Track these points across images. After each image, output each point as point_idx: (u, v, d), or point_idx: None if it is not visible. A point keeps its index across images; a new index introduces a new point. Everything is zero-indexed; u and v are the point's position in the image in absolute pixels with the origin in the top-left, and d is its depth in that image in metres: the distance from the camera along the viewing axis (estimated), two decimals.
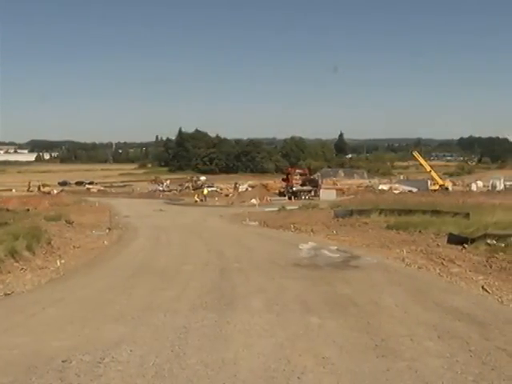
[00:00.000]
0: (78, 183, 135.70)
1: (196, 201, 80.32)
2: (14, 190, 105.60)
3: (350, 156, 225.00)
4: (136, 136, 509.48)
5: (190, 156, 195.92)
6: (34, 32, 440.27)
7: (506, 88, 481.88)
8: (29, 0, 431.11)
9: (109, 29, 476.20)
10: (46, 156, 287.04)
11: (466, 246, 21.87)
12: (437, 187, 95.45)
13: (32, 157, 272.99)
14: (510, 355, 8.46)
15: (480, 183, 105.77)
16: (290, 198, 79.63)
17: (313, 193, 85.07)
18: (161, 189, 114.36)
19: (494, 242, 21.45)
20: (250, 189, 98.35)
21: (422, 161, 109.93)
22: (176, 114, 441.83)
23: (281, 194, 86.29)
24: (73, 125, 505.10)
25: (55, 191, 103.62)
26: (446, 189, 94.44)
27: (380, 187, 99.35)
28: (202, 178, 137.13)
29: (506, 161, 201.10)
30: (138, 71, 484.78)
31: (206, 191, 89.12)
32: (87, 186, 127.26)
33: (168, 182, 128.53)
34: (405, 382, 7.37)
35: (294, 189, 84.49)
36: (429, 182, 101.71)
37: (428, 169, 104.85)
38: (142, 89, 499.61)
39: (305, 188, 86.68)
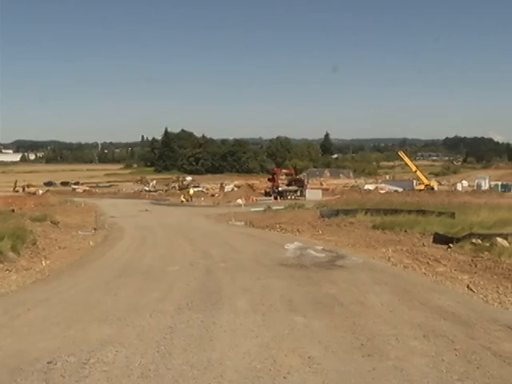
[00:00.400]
0: (64, 183, 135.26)
1: (182, 201, 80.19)
2: None
3: (335, 156, 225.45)
4: (122, 136, 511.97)
5: (175, 156, 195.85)
6: (8, 31, 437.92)
7: (492, 88, 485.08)
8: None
9: (92, 29, 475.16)
10: (32, 156, 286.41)
11: (451, 245, 21.95)
12: (422, 187, 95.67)
13: (17, 157, 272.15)
14: (494, 354, 8.51)
15: (465, 183, 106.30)
16: (275, 198, 79.58)
17: (299, 193, 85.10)
18: (147, 189, 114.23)
19: (479, 241, 21.55)
20: (235, 189, 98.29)
21: (407, 161, 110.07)
22: (162, 114, 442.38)
23: (267, 194, 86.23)
24: (58, 125, 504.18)
25: (40, 191, 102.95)
26: (432, 188, 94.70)
27: (366, 187, 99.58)
28: (188, 178, 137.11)
29: (491, 161, 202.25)
30: (124, 71, 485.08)
31: (191, 191, 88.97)
32: (73, 186, 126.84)
33: (154, 182, 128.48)
34: (390, 382, 7.41)
35: (280, 189, 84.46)
36: (414, 182, 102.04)
37: (414, 169, 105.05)
38: (128, 89, 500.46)
39: (291, 188, 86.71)
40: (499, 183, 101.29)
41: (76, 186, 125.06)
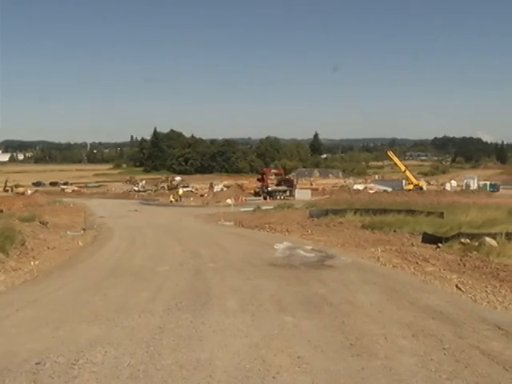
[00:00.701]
0: (53, 184, 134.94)
1: (171, 201, 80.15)
2: None
3: (325, 156, 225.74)
4: (111, 136, 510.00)
5: (165, 156, 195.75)
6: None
7: (480, 89, 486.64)
8: None
9: (78, 28, 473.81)
10: (20, 156, 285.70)
11: (440, 245, 22.03)
12: (411, 187, 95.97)
13: (6, 157, 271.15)
14: (483, 353, 8.54)
15: (454, 183, 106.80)
16: (265, 198, 79.64)
17: (288, 193, 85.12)
18: (136, 189, 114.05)
19: (468, 240, 21.64)
20: (225, 189, 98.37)
21: (396, 161, 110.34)
22: (151, 114, 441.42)
23: (256, 194, 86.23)
24: (47, 125, 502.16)
25: (29, 192, 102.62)
26: (421, 188, 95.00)
27: (355, 187, 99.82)
28: (178, 178, 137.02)
29: (480, 160, 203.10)
30: (113, 71, 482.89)
31: (181, 191, 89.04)
32: (62, 186, 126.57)
33: (144, 182, 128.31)
34: (379, 381, 7.43)
35: (269, 189, 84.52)
36: (403, 182, 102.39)
37: (403, 168, 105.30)
38: (117, 89, 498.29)
39: (280, 188, 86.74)
40: (488, 183, 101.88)
41: (65, 186, 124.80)
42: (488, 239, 20.94)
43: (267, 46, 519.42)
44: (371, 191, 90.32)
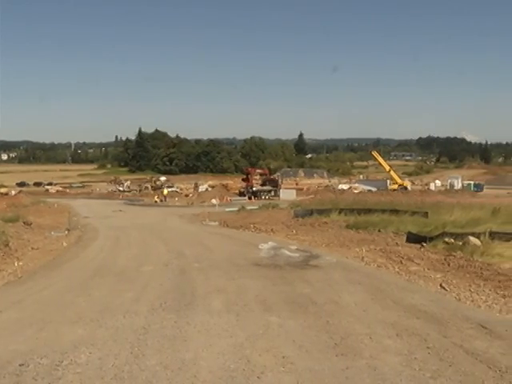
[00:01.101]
0: (37, 184, 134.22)
1: (156, 201, 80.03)
2: None
3: (309, 156, 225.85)
4: (95, 136, 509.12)
5: (149, 156, 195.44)
6: None
7: (464, 89, 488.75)
8: None
9: (63, 28, 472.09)
10: (4, 156, 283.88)
11: (424, 244, 22.12)
12: (396, 187, 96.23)
13: None
14: (466, 352, 8.59)
15: (438, 182, 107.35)
16: (250, 198, 79.65)
17: (273, 193, 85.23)
18: (121, 189, 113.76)
19: (452, 240, 21.75)
20: (210, 189, 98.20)
21: (381, 160, 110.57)
22: (136, 113, 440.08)
23: (241, 194, 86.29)
24: (31, 125, 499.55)
25: (13, 192, 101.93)
26: (405, 188, 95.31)
27: (340, 187, 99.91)
28: (162, 178, 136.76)
29: (464, 160, 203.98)
30: (97, 71, 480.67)
31: (165, 191, 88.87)
32: (46, 186, 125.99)
33: (128, 182, 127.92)
34: (364, 380, 7.45)
35: (254, 189, 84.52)
36: (388, 182, 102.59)
37: (387, 168, 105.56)
38: (101, 88, 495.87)
39: (265, 188, 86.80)
40: (472, 183, 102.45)
41: (49, 187, 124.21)
42: (472, 239, 21.04)
43: (252, 47, 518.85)
44: (356, 191, 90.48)
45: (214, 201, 66.56)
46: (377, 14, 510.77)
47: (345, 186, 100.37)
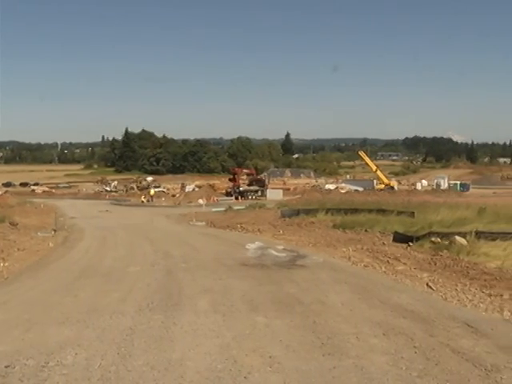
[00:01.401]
0: (23, 184, 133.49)
1: (142, 201, 79.96)
2: None
3: (296, 156, 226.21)
4: (82, 136, 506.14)
5: (136, 156, 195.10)
6: None
7: (450, 89, 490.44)
8: None
9: (48, 27, 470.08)
10: None
11: (411, 244, 22.20)
12: (382, 186, 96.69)
13: None
14: (453, 350, 8.61)
15: (425, 182, 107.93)
16: (236, 198, 79.84)
17: (260, 193, 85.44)
18: (108, 189, 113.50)
19: (439, 239, 21.83)
20: (196, 189, 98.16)
21: (367, 160, 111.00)
22: (122, 113, 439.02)
23: (228, 194, 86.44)
24: (17, 125, 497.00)
25: None
26: (392, 188, 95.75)
27: (326, 187, 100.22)
28: (149, 178, 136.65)
29: (450, 160, 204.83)
30: (83, 70, 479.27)
31: (152, 192, 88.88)
32: (32, 187, 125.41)
33: (116, 182, 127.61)
34: (351, 380, 7.45)
35: (241, 189, 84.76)
36: (375, 182, 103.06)
37: (374, 168, 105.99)
38: (88, 88, 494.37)
39: (252, 188, 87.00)
40: (458, 182, 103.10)
41: (35, 187, 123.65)
42: (458, 238, 21.13)
43: (239, 48, 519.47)
44: (342, 191, 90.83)
45: (200, 201, 66.56)
46: (356, 13, 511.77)
47: (331, 186, 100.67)
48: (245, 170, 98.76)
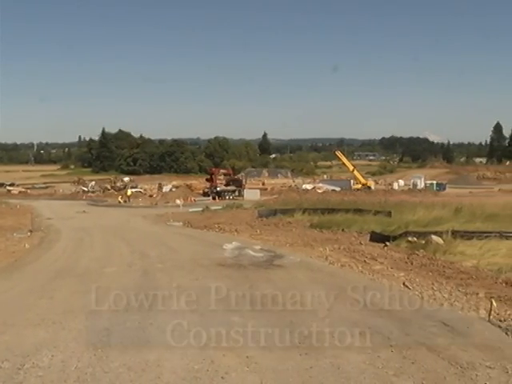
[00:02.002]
0: None
1: (120, 202, 79.57)
2: None
3: (273, 156, 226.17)
4: (58, 136, 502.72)
5: (113, 156, 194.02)
6: None
7: (426, 89, 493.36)
8: None
9: (26, 26, 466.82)
10: None
11: (387, 243, 22.33)
12: (359, 186, 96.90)
13: None
14: (429, 349, 8.68)
15: (401, 182, 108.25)
16: (214, 198, 79.72)
17: (237, 193, 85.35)
18: (86, 189, 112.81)
19: (415, 239, 22.00)
20: (174, 189, 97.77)
21: (344, 160, 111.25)
22: (99, 113, 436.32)
23: (205, 194, 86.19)
24: None
25: None
26: (369, 188, 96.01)
27: (303, 187, 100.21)
28: (126, 178, 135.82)
29: (427, 160, 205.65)
30: (59, 70, 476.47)
31: (129, 192, 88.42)
32: (8, 187, 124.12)
33: (93, 183, 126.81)
34: (328, 379, 7.48)
35: (218, 189, 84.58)
36: (352, 182, 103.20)
37: (351, 168, 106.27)
38: (64, 88, 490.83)
39: (229, 188, 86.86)
40: (434, 182, 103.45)
41: (11, 188, 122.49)
42: (434, 237, 21.29)
43: (211, 48, 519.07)
44: (320, 191, 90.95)
45: (178, 201, 66.45)
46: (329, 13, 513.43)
47: (309, 186, 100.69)
48: (222, 170, 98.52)
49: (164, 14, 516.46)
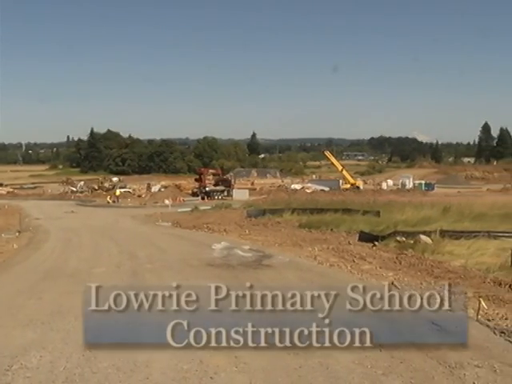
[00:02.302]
0: None
1: (108, 202, 79.38)
2: None
3: (262, 156, 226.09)
4: (46, 136, 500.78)
5: (102, 156, 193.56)
6: None
7: (415, 89, 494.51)
8: None
9: (13, 26, 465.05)
10: None
11: (376, 243, 22.38)
12: (348, 186, 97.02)
13: None
14: (418, 348, 8.71)
15: (390, 182, 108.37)
16: (203, 199, 79.67)
17: (226, 193, 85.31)
18: (75, 190, 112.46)
19: (404, 239, 22.06)
20: (163, 189, 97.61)
21: (333, 160, 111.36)
22: (88, 113, 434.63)
23: (194, 194, 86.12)
24: None
25: None
26: (358, 188, 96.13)
27: (292, 187, 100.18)
28: (114, 178, 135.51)
29: (415, 160, 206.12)
30: (47, 70, 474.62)
31: (118, 192, 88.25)
32: None
33: (82, 183, 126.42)
34: (316, 379, 7.49)
35: (207, 189, 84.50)
36: (340, 181, 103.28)
37: (340, 168, 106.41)
38: (52, 87, 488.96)
39: (218, 188, 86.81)
40: (423, 182, 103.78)
41: None
42: (423, 237, 21.37)
43: (200, 46, 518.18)
44: (308, 191, 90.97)
45: (167, 201, 66.43)
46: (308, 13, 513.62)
47: (297, 186, 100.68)
48: (211, 170, 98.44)
49: (158, 13, 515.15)
